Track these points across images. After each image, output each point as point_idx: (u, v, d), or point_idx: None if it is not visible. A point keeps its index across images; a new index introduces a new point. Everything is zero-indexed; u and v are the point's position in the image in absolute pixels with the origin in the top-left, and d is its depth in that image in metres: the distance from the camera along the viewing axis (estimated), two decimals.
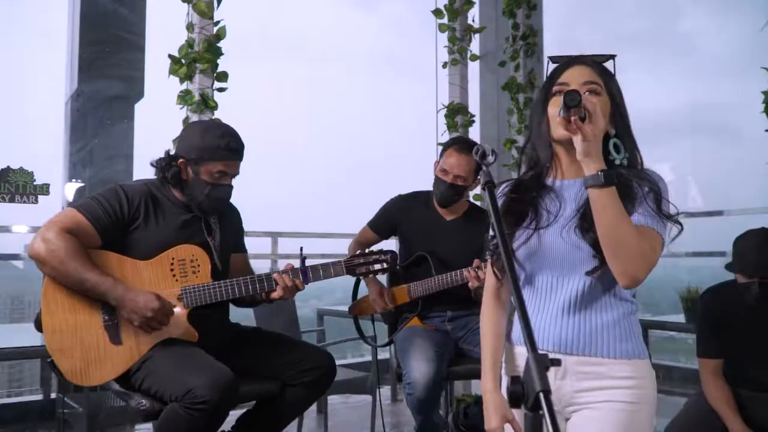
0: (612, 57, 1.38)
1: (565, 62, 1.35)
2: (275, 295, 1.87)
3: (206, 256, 1.88)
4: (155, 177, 1.95)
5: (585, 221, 1.25)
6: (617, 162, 1.29)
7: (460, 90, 3.57)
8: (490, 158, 1.23)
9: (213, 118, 2.56)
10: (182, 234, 1.89)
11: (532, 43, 3.89)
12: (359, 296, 2.54)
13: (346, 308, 2.67)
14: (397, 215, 2.49)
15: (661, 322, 3.79)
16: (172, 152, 1.95)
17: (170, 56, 2.73)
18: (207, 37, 2.71)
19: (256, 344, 1.98)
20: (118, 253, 1.81)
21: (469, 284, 2.18)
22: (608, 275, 1.23)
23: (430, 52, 3.75)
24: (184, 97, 2.71)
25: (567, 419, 1.31)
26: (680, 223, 1.28)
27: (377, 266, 1.98)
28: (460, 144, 2.40)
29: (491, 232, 1.44)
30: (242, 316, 2.18)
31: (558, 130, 1.27)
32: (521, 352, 1.35)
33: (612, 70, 1.38)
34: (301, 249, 1.97)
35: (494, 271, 1.43)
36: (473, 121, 3.60)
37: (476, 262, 2.17)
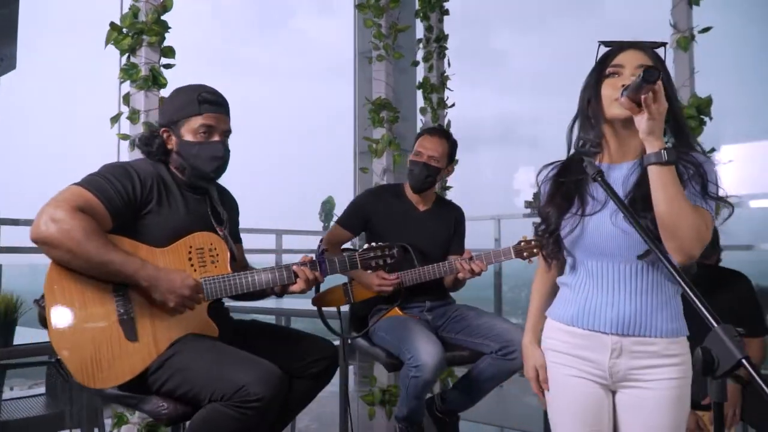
0: (664, 44, 1.44)
1: (619, 46, 1.41)
2: (295, 288, 1.77)
3: (224, 244, 1.73)
4: (142, 157, 1.76)
5: (634, 207, 1.30)
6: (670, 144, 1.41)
7: (385, 86, 3.62)
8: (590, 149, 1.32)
9: None
10: (193, 219, 1.72)
11: (443, 46, 4.05)
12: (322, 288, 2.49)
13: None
14: (369, 209, 2.48)
15: None
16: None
17: (112, 24, 2.45)
18: (155, 7, 2.48)
19: (261, 337, 1.86)
20: (129, 239, 1.60)
21: (459, 275, 2.24)
22: (659, 256, 1.35)
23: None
24: (129, 71, 2.44)
25: (613, 393, 1.39)
26: (731, 204, 1.38)
27: (388, 260, 1.96)
28: (432, 129, 2.50)
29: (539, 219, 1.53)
30: None
31: (614, 109, 1.33)
32: (556, 326, 1.44)
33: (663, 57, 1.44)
34: (321, 241, 1.90)
35: (543, 256, 1.52)
36: (398, 117, 3.66)
37: (468, 253, 2.25)
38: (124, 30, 2.46)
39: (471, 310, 2.36)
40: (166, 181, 1.71)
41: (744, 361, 0.93)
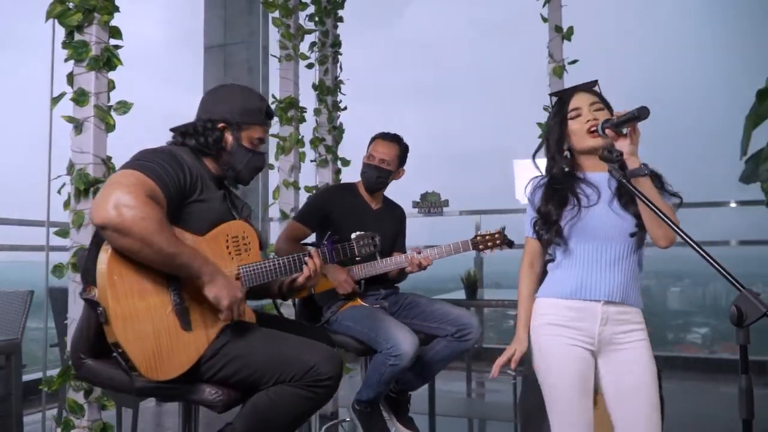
0: (596, 82, 1.84)
1: (568, 93, 1.80)
2: (301, 278, 1.84)
3: (255, 233, 1.76)
4: (185, 145, 1.73)
5: (623, 199, 1.71)
6: (617, 155, 1.78)
7: (293, 85, 3.70)
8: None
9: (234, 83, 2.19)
10: (223, 210, 1.73)
11: (338, 52, 4.23)
12: None
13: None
14: (327, 205, 2.60)
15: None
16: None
17: None
18: None
19: (276, 326, 1.90)
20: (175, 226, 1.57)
21: (407, 269, 2.47)
22: (637, 241, 1.73)
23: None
24: (78, 50, 2.28)
25: (597, 357, 1.73)
26: (680, 197, 1.78)
27: (372, 248, 2.13)
28: (384, 134, 2.69)
29: (532, 214, 1.82)
30: None
31: (589, 142, 1.72)
32: (551, 303, 1.75)
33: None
34: (331, 232, 2.01)
35: (542, 243, 1.82)
36: (305, 117, 3.76)
37: (418, 250, 2.48)
38: (71, 5, 2.28)
39: (421, 297, 2.60)
40: (202, 172, 1.70)
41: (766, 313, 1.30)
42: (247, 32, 5.67)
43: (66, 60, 2.30)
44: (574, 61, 3.71)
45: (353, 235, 2.13)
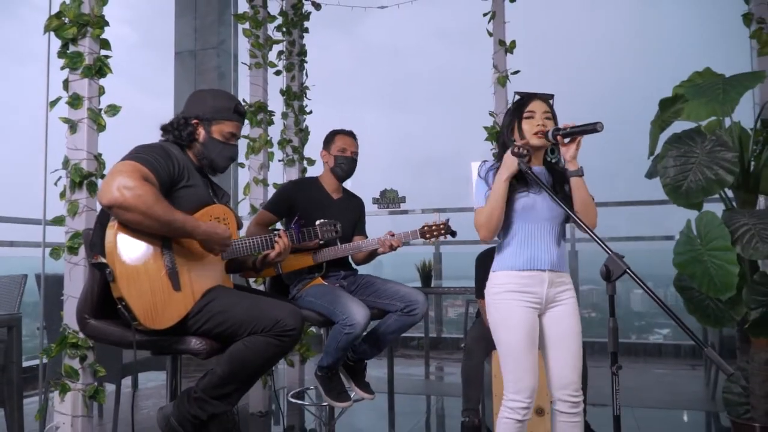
0: (552, 96, 2.23)
1: (529, 97, 2.18)
2: (273, 254, 2.22)
3: (233, 214, 2.12)
4: (165, 139, 2.08)
5: (556, 190, 2.12)
6: (553, 161, 2.21)
7: (262, 91, 4.05)
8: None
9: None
10: (206, 195, 2.08)
11: (304, 60, 4.59)
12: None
13: None
14: (294, 196, 2.96)
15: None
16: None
17: (57, 14, 2.59)
18: (98, 0, 2.67)
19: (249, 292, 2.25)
20: None
21: (379, 250, 2.84)
22: (563, 222, 2.15)
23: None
24: (73, 59, 2.60)
25: (541, 315, 2.11)
26: (592, 197, 2.26)
27: (334, 233, 2.52)
28: (345, 131, 3.07)
29: (485, 189, 2.17)
30: None
31: (535, 141, 2.09)
32: (507, 274, 2.10)
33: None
34: (299, 215, 2.38)
35: None
36: (273, 120, 4.11)
37: (389, 233, 2.84)
38: (66, 20, 2.60)
39: (376, 278, 2.97)
40: (188, 163, 2.05)
41: (627, 270, 1.71)
42: (217, 40, 6.00)
43: (62, 68, 2.62)
44: (516, 72, 4.14)
45: (318, 222, 2.50)
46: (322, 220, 2.48)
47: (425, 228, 2.87)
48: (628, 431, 3.46)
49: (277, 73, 4.47)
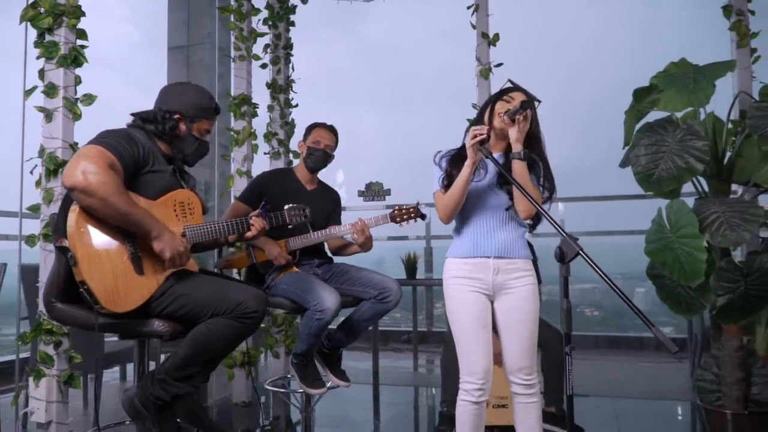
0: (538, 101, 2.21)
1: (516, 87, 2.21)
2: (249, 234, 2.25)
3: (198, 199, 2.15)
4: (144, 129, 2.10)
5: (501, 180, 2.15)
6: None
7: (246, 83, 4.08)
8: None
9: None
10: (172, 180, 2.11)
11: (289, 53, 4.62)
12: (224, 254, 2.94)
13: None
14: (267, 187, 2.98)
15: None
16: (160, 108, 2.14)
17: (32, 3, 2.62)
18: None
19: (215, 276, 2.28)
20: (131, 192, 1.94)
21: (354, 236, 2.85)
22: (514, 211, 2.17)
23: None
24: (49, 49, 2.63)
25: (493, 301, 2.14)
26: (549, 191, 2.24)
27: (303, 218, 2.53)
28: (324, 124, 3.08)
29: (440, 173, 2.20)
30: None
31: (496, 122, 2.14)
32: (456, 261, 2.15)
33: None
34: (265, 200, 2.40)
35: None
36: (257, 112, 4.14)
37: (362, 221, 2.86)
38: (42, 10, 2.63)
39: (351, 266, 2.99)
40: (154, 149, 2.07)
41: (580, 252, 1.73)
42: (206, 34, 6.04)
43: (38, 58, 2.65)
44: (500, 65, 4.16)
45: (286, 207, 2.52)
46: (290, 205, 2.50)
47: (395, 212, 2.89)
48: (607, 420, 3.49)
49: (263, 66, 4.50)
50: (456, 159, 2.16)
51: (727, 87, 3.69)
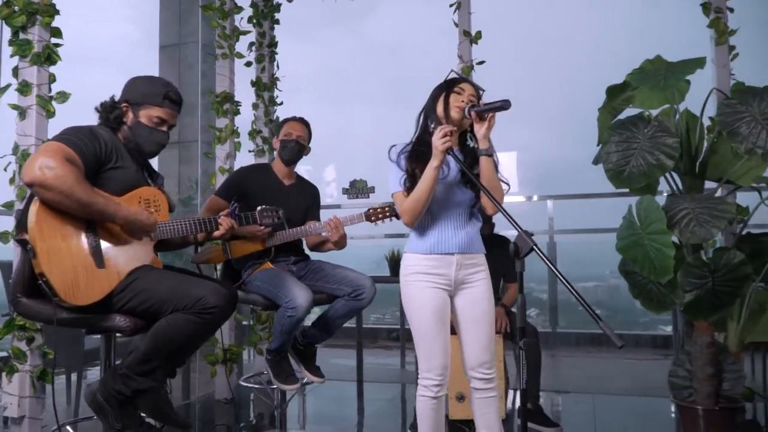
0: (484, 91, 2.26)
1: (462, 78, 2.22)
2: (217, 233, 2.27)
3: (164, 197, 2.16)
4: (98, 122, 2.13)
5: (465, 177, 2.15)
6: (471, 145, 2.19)
7: (229, 81, 4.10)
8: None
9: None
10: (138, 177, 2.12)
11: (274, 51, 4.63)
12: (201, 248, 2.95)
13: None
14: (244, 182, 3.00)
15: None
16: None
17: (6, 2, 2.64)
18: None
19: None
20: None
21: (328, 234, 2.86)
22: (474, 207, 2.19)
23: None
24: (22, 47, 2.65)
25: (452, 296, 2.17)
26: (508, 184, 2.25)
27: (276, 219, 2.55)
28: (296, 117, 3.10)
29: (400, 173, 2.20)
30: None
31: (455, 114, 2.10)
32: (416, 257, 2.15)
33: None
34: (234, 199, 2.42)
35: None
36: (239, 110, 4.16)
37: (336, 218, 2.87)
38: (16, 8, 2.65)
39: (326, 264, 3.00)
40: (119, 145, 2.09)
41: (534, 248, 1.75)
42: (191, 32, 6.06)
43: (12, 56, 2.67)
44: (482, 62, 4.17)
45: (258, 208, 2.53)
46: (262, 206, 2.51)
47: (371, 211, 2.90)
48: (585, 416, 3.51)
49: (248, 64, 4.52)
50: (415, 156, 2.15)
51: (707, 84, 3.71)
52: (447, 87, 2.17)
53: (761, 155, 2.59)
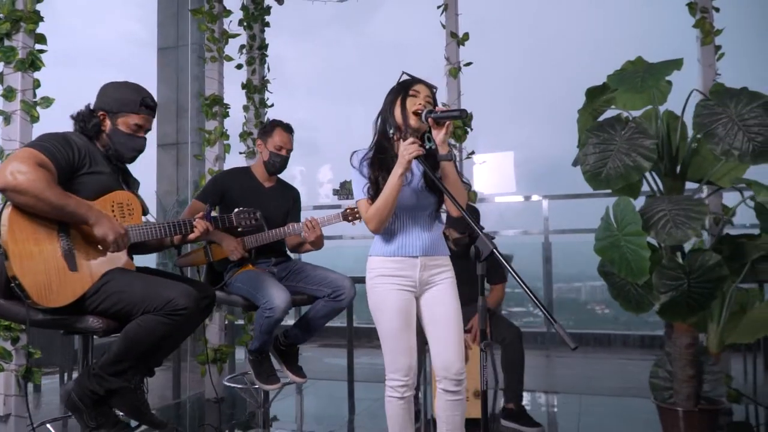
0: (437, 88, 2.27)
1: (416, 80, 2.21)
2: (192, 236, 2.30)
3: (138, 201, 2.20)
4: (74, 130, 2.17)
5: (428, 182, 2.16)
6: (430, 147, 2.12)
7: (218, 84, 4.14)
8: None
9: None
10: (113, 182, 2.16)
11: (264, 54, 4.67)
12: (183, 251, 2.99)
13: None
14: (224, 186, 3.03)
15: None
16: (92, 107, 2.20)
17: None
18: None
19: (160, 276, 2.33)
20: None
21: (304, 234, 2.89)
22: (438, 211, 2.22)
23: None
24: (7, 53, 2.70)
25: (418, 297, 2.19)
26: (469, 184, 2.32)
27: (254, 221, 2.57)
28: (286, 126, 3.10)
29: (363, 180, 2.22)
30: None
31: (412, 122, 2.11)
32: (381, 259, 2.17)
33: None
34: (210, 204, 2.45)
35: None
36: (228, 113, 4.20)
37: (312, 218, 2.90)
38: (0, 16, 2.70)
39: (307, 264, 3.04)
40: (93, 151, 2.13)
41: (494, 250, 1.76)
42: (181, 35, 6.11)
43: None
44: (469, 64, 4.19)
45: (235, 210, 2.57)
46: (239, 209, 2.54)
47: (348, 210, 2.93)
48: (570, 417, 3.52)
49: (239, 66, 4.56)
50: (378, 164, 2.16)
51: (694, 85, 3.71)
52: (402, 90, 2.18)
53: (737, 156, 2.59)
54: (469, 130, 4.16)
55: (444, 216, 2.32)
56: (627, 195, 2.99)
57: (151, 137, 2.36)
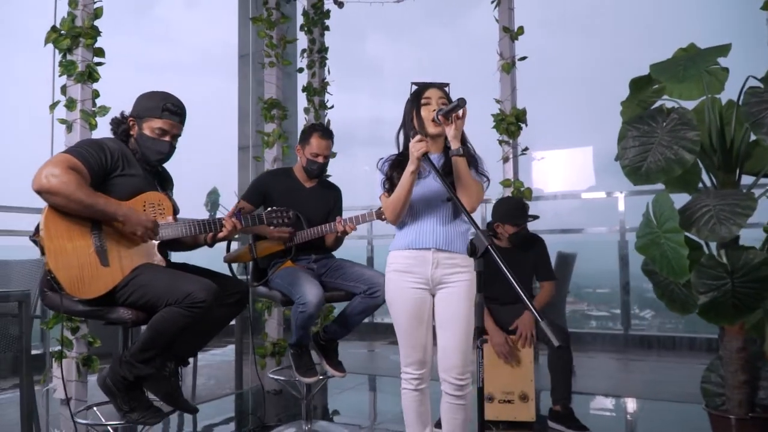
0: (448, 84, 2.30)
1: (425, 86, 2.25)
2: (221, 234, 2.43)
3: (169, 201, 2.36)
4: (111, 135, 2.35)
5: (449, 174, 2.16)
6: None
7: (276, 88, 4.30)
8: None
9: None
10: (146, 183, 2.33)
11: (324, 57, 4.79)
12: (233, 248, 3.16)
13: None
14: (267, 187, 3.17)
15: None
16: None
17: (53, 27, 2.95)
18: (90, 14, 3.00)
19: (192, 272, 2.47)
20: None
21: (338, 227, 2.97)
22: (454, 206, 2.19)
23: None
24: (68, 67, 2.95)
25: (434, 295, 2.20)
26: (488, 178, 2.28)
27: (286, 219, 2.67)
28: (323, 132, 3.19)
29: (383, 177, 2.26)
30: None
31: (430, 128, 2.18)
32: (397, 254, 2.22)
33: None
34: (239, 201, 2.57)
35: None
36: (287, 115, 4.35)
37: (339, 219, 2.98)
38: (62, 32, 2.96)
39: (346, 262, 3.11)
40: (128, 154, 2.30)
41: (489, 247, 1.75)
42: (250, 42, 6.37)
43: (60, 75, 2.98)
44: (523, 58, 4.11)
45: (267, 209, 2.67)
46: (271, 207, 2.64)
47: (381, 210, 2.96)
48: (621, 422, 3.38)
49: (299, 70, 4.72)
50: (396, 164, 2.23)
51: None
52: (415, 103, 2.22)
53: None
54: (522, 125, 4.07)
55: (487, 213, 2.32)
56: (682, 190, 2.85)
57: (232, 140, 2.48)
